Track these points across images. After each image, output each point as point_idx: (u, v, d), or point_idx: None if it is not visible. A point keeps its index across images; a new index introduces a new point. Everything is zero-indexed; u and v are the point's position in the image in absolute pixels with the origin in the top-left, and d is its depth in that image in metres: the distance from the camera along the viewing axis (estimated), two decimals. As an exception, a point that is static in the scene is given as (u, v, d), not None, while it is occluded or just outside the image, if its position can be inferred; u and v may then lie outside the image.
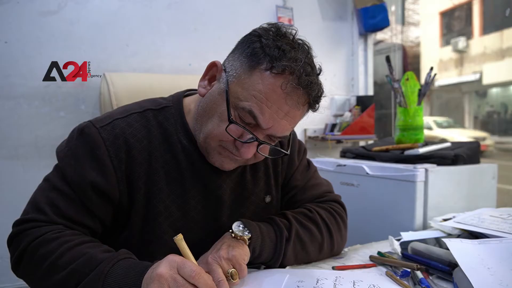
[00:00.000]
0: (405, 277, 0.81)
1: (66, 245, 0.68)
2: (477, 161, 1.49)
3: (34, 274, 0.69)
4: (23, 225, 0.73)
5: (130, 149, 0.78)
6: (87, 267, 0.65)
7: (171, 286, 0.60)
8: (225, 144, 0.77)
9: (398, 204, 1.37)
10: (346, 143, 2.42)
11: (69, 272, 0.65)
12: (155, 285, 0.60)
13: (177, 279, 0.60)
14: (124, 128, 0.79)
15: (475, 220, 1.06)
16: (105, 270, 0.64)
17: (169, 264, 0.62)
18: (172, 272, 0.61)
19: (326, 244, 0.90)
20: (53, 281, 0.66)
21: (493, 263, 0.76)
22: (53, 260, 0.67)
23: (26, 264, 0.70)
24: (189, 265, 0.62)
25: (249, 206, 0.90)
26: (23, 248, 0.70)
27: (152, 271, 0.62)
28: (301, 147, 1.01)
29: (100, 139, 0.76)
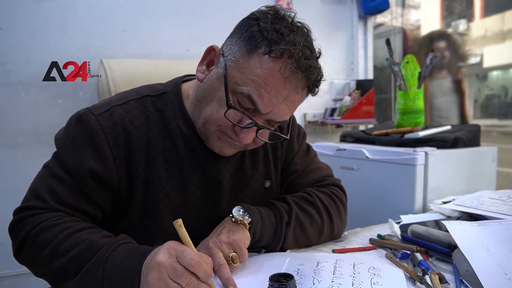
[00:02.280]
0: (404, 259, 0.82)
1: (66, 232, 0.68)
2: (477, 144, 1.49)
3: (36, 261, 0.70)
4: (23, 212, 0.73)
5: (128, 136, 0.78)
6: (87, 253, 0.65)
7: (170, 274, 0.59)
8: (224, 129, 0.77)
9: (398, 188, 1.37)
10: (346, 128, 2.42)
11: (70, 258, 0.66)
12: (154, 273, 0.60)
13: (177, 267, 0.60)
14: (122, 115, 0.79)
15: (474, 203, 1.07)
16: (104, 256, 0.64)
17: (168, 252, 0.61)
18: (171, 260, 0.60)
19: (326, 227, 0.90)
20: (54, 268, 0.67)
21: (492, 244, 0.77)
22: (54, 247, 0.67)
23: (27, 251, 0.71)
24: (189, 253, 0.61)
25: (248, 191, 0.90)
26: (24, 235, 0.70)
27: (151, 258, 0.62)
28: (301, 131, 1.01)
29: (98, 126, 0.76)
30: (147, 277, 0.60)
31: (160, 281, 0.59)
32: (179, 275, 0.59)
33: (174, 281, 0.60)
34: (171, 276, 0.59)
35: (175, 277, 0.59)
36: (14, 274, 1.72)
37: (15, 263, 0.76)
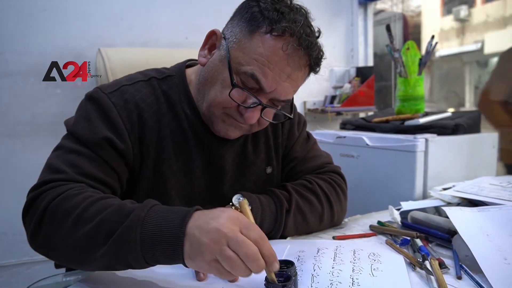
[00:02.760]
0: (404, 245, 0.82)
1: (91, 199, 0.63)
2: (477, 131, 1.48)
3: (57, 233, 0.62)
4: (41, 187, 0.67)
5: (141, 113, 0.78)
6: (117, 216, 0.59)
7: (229, 242, 0.54)
8: (229, 111, 0.77)
9: (398, 175, 1.37)
10: (346, 115, 2.41)
11: (98, 222, 0.59)
12: (212, 236, 0.54)
13: (239, 235, 0.54)
14: (133, 94, 0.79)
15: (474, 189, 1.07)
16: (140, 216, 0.58)
17: (231, 219, 0.56)
18: (234, 228, 0.55)
19: (326, 214, 0.91)
20: (79, 236, 0.60)
21: (492, 230, 0.77)
22: (79, 213, 0.61)
23: (48, 224, 0.63)
24: (256, 227, 0.57)
25: (250, 176, 0.91)
26: (43, 208, 0.63)
27: (209, 220, 0.56)
28: (301, 119, 1.01)
29: (110, 103, 0.76)
30: (202, 238, 0.55)
31: (216, 246, 0.54)
32: (240, 242, 0.54)
33: (231, 250, 0.54)
34: (230, 243, 0.54)
35: (235, 244, 0.54)
36: (16, 263, 1.73)
37: (17, 252, 0.76)
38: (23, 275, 1.71)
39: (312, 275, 0.68)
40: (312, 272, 0.69)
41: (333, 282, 0.64)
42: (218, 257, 0.54)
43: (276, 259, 0.57)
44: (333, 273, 0.68)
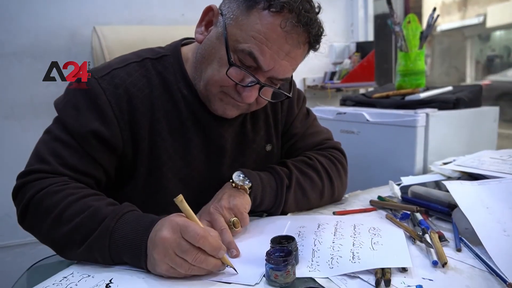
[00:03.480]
0: (404, 220, 0.83)
1: (71, 198, 0.67)
2: (478, 105, 1.47)
3: (40, 226, 0.69)
4: (27, 176, 0.72)
5: (131, 98, 0.77)
6: (92, 221, 0.64)
7: (176, 251, 0.58)
8: (226, 90, 0.76)
9: (398, 150, 1.37)
10: (346, 91, 2.39)
11: (75, 226, 0.65)
12: (160, 249, 0.59)
13: (182, 243, 0.58)
14: (123, 78, 0.77)
15: (475, 163, 1.07)
16: (110, 226, 0.63)
17: (171, 228, 0.60)
18: (176, 236, 0.59)
19: (327, 190, 0.91)
20: (59, 234, 0.66)
21: (492, 202, 0.77)
22: (58, 213, 0.66)
23: (31, 216, 0.70)
24: (193, 228, 0.59)
25: (250, 155, 0.90)
26: (27, 200, 0.69)
27: (156, 234, 0.60)
28: (300, 95, 0.99)
29: (100, 89, 0.75)
30: (153, 253, 0.59)
31: (166, 258, 0.58)
32: (184, 251, 0.58)
33: (180, 257, 0.59)
34: (177, 252, 0.58)
35: (180, 252, 0.58)
36: (21, 243, 1.76)
37: (21, 233, 0.76)
38: (27, 255, 1.74)
39: (313, 250, 0.68)
40: (313, 247, 0.70)
41: (334, 256, 0.65)
42: (172, 266, 0.59)
43: (221, 247, 0.61)
44: (334, 248, 0.68)
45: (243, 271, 0.62)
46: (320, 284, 0.58)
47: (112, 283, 0.59)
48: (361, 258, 0.63)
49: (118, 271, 0.63)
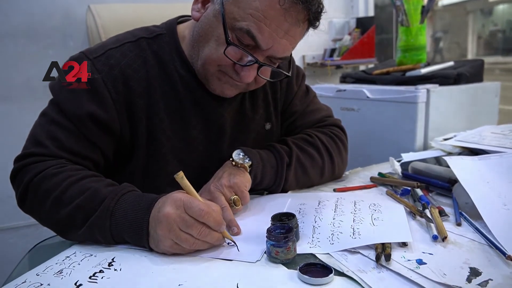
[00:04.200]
0: (405, 195, 0.83)
1: (69, 180, 0.67)
2: (480, 80, 1.46)
3: (40, 209, 0.69)
4: (24, 160, 0.72)
5: (127, 79, 0.76)
6: (92, 202, 0.65)
7: (180, 226, 0.59)
8: (224, 69, 0.74)
9: (399, 127, 1.36)
10: (346, 69, 2.36)
11: (75, 207, 0.65)
12: (163, 226, 0.59)
13: (186, 218, 0.59)
14: (119, 59, 0.76)
15: (476, 138, 1.06)
16: (110, 206, 0.64)
17: (175, 204, 0.60)
18: (179, 212, 0.59)
19: (327, 168, 0.91)
20: (59, 216, 0.66)
21: (493, 177, 0.77)
22: (58, 195, 0.66)
23: (31, 200, 0.70)
24: (196, 204, 0.60)
25: (249, 133, 0.90)
26: (26, 183, 0.69)
27: (158, 211, 0.61)
28: (300, 72, 0.98)
29: (95, 70, 0.74)
30: (157, 230, 0.60)
31: (171, 233, 0.59)
32: (189, 226, 0.59)
33: (185, 232, 0.59)
34: (181, 227, 0.59)
35: (185, 228, 0.59)
36: (24, 225, 1.77)
37: (24, 215, 0.76)
38: (31, 236, 1.76)
39: (313, 227, 0.69)
40: (313, 223, 0.70)
41: (334, 233, 0.65)
42: (177, 241, 0.60)
43: (223, 221, 0.62)
44: (334, 224, 0.69)
45: (244, 248, 0.62)
46: (320, 260, 0.58)
47: (114, 262, 0.59)
48: (362, 234, 0.64)
49: (120, 250, 0.64)
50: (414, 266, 0.54)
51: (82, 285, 0.53)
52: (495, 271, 0.53)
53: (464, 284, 0.49)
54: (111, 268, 0.58)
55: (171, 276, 0.55)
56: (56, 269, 0.58)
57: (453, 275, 0.52)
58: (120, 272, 0.57)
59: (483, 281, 0.50)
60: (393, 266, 0.54)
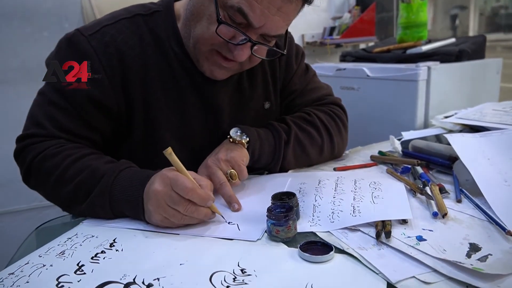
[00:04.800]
0: (405, 173, 0.83)
1: (70, 159, 0.69)
2: (482, 56, 1.44)
3: (44, 187, 0.72)
4: (25, 140, 0.74)
5: (122, 57, 0.75)
6: (91, 179, 0.67)
7: (168, 203, 0.61)
8: (218, 48, 0.73)
9: (399, 105, 1.35)
10: (346, 47, 2.33)
11: (76, 185, 0.67)
12: (153, 201, 0.61)
13: (173, 196, 0.61)
14: (114, 35, 0.75)
15: (477, 115, 1.06)
16: (109, 183, 0.66)
17: (162, 181, 0.62)
18: (166, 189, 0.61)
19: (327, 146, 0.90)
20: (62, 194, 0.69)
21: (493, 154, 0.77)
22: (60, 173, 0.69)
23: (34, 178, 0.73)
24: (182, 181, 0.61)
25: (248, 113, 0.89)
26: (28, 163, 0.72)
27: (149, 187, 0.63)
28: (299, 50, 0.97)
29: (90, 48, 0.73)
30: (148, 205, 0.62)
31: (159, 209, 0.61)
32: (175, 202, 0.61)
33: (172, 208, 0.61)
34: (169, 203, 0.61)
35: (172, 204, 0.61)
36: (27, 208, 1.79)
37: (26, 198, 0.78)
38: (34, 219, 1.77)
39: (313, 206, 0.69)
40: (313, 202, 0.70)
41: (335, 211, 0.65)
42: (165, 216, 0.62)
43: (209, 197, 0.62)
44: (334, 203, 0.69)
45: (245, 227, 0.63)
46: (321, 238, 0.58)
47: (116, 242, 0.60)
48: (362, 212, 0.64)
49: (121, 231, 0.64)
50: (414, 242, 0.54)
51: (85, 266, 0.53)
52: (495, 247, 0.53)
53: (463, 259, 0.49)
54: (112, 249, 0.58)
55: (172, 256, 0.55)
56: (58, 250, 0.59)
57: (453, 250, 0.52)
58: (121, 252, 0.57)
59: (483, 256, 0.50)
60: (393, 243, 0.55)
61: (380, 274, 0.48)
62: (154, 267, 0.52)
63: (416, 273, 0.48)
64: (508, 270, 0.46)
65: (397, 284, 0.46)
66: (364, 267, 0.50)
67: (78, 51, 0.73)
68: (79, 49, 0.73)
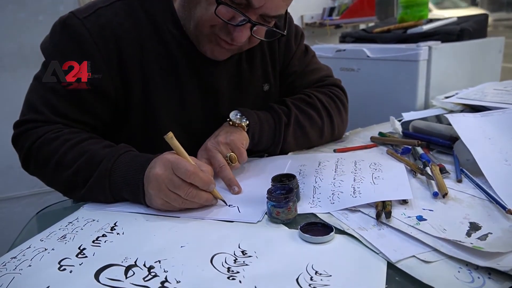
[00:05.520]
0: (405, 154, 0.82)
1: (69, 143, 0.69)
2: (484, 35, 1.42)
3: (43, 173, 0.72)
4: (22, 126, 0.73)
5: (119, 40, 0.74)
6: (90, 164, 0.67)
7: (169, 187, 0.60)
8: (217, 30, 0.72)
9: (400, 86, 1.34)
10: (346, 28, 2.30)
11: (75, 170, 0.67)
12: (154, 185, 0.61)
13: (174, 179, 0.60)
14: (109, 18, 0.73)
15: (478, 95, 1.05)
16: (107, 167, 0.65)
17: (163, 165, 0.61)
18: (168, 173, 0.60)
19: (327, 128, 0.90)
20: (61, 179, 0.69)
21: (494, 133, 0.76)
22: (58, 159, 0.68)
23: (34, 164, 0.73)
24: (183, 165, 0.60)
25: (247, 95, 0.88)
26: (27, 149, 0.71)
27: (150, 170, 0.63)
28: (298, 31, 0.95)
29: (85, 31, 0.71)
30: (148, 188, 0.62)
31: (160, 193, 0.61)
32: (177, 186, 0.60)
33: (173, 192, 0.61)
34: (170, 187, 0.60)
35: (173, 188, 0.60)
36: (28, 194, 1.79)
37: (27, 184, 0.78)
38: (36, 204, 1.78)
39: (314, 187, 0.69)
40: (314, 184, 0.70)
41: (335, 192, 0.65)
42: (166, 200, 0.61)
43: (211, 181, 0.62)
44: (335, 184, 0.69)
45: (245, 209, 0.63)
46: (321, 219, 0.58)
47: (116, 226, 0.60)
48: (362, 193, 0.64)
49: (122, 215, 0.64)
50: (414, 222, 0.54)
51: (86, 249, 0.53)
52: (495, 225, 0.53)
53: (463, 238, 0.49)
54: (113, 232, 0.58)
55: (173, 238, 0.55)
56: (60, 234, 0.59)
57: (453, 230, 0.52)
58: (122, 236, 0.57)
59: (483, 234, 0.50)
60: (394, 223, 0.55)
61: (380, 254, 0.48)
62: (155, 250, 0.52)
63: (416, 253, 0.48)
64: (507, 248, 0.47)
65: (397, 263, 0.46)
66: (364, 247, 0.50)
67: (72, 35, 0.72)
68: (73, 32, 0.71)
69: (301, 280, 0.44)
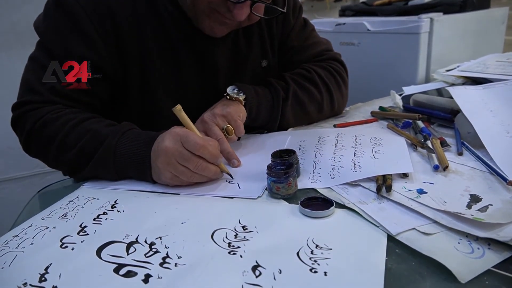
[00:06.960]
0: (406, 128, 0.82)
1: (70, 123, 0.68)
2: (487, 6, 1.39)
3: (46, 154, 0.71)
4: (21, 108, 0.72)
5: (114, 16, 0.72)
6: (94, 143, 0.66)
7: (178, 160, 0.60)
8: (216, 6, 0.70)
9: (400, 59, 1.32)
10: (346, 1, 2.25)
11: (79, 149, 0.66)
12: (162, 158, 0.61)
13: (183, 152, 0.60)
14: None
15: (480, 67, 1.03)
16: (112, 145, 0.65)
17: (173, 138, 0.61)
18: (177, 146, 0.60)
19: (326, 103, 0.89)
20: (65, 160, 0.68)
21: (496, 105, 0.75)
22: (61, 139, 0.67)
23: (35, 146, 0.71)
24: (193, 138, 0.60)
25: (245, 72, 0.87)
26: (28, 130, 0.70)
27: (158, 144, 0.62)
28: (296, 5, 0.93)
29: (79, 8, 0.70)
30: (157, 162, 0.62)
31: (169, 166, 0.61)
32: (186, 159, 0.60)
33: (182, 165, 0.61)
34: (179, 160, 0.60)
35: (182, 161, 0.60)
36: (29, 174, 1.80)
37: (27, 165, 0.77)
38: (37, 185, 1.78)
39: (314, 162, 0.69)
40: (314, 159, 0.70)
41: (335, 167, 0.65)
42: (175, 173, 0.61)
43: (219, 154, 0.63)
44: (335, 159, 0.68)
45: (245, 185, 0.63)
46: (321, 194, 0.58)
47: (117, 204, 0.60)
48: (362, 167, 0.63)
49: (122, 193, 0.64)
50: (415, 195, 0.54)
51: (87, 227, 0.54)
52: (495, 197, 0.53)
53: (464, 210, 0.50)
54: (114, 210, 0.58)
55: (173, 215, 0.55)
56: (61, 212, 0.59)
57: (453, 202, 0.52)
58: (123, 213, 0.57)
59: (483, 206, 0.50)
60: (394, 196, 0.55)
61: (381, 227, 0.48)
62: (156, 227, 0.52)
63: (416, 225, 0.48)
64: (507, 219, 0.47)
65: (398, 236, 0.46)
66: (364, 221, 0.50)
67: (67, 13, 0.70)
68: (68, 10, 0.70)
69: (302, 254, 0.44)
